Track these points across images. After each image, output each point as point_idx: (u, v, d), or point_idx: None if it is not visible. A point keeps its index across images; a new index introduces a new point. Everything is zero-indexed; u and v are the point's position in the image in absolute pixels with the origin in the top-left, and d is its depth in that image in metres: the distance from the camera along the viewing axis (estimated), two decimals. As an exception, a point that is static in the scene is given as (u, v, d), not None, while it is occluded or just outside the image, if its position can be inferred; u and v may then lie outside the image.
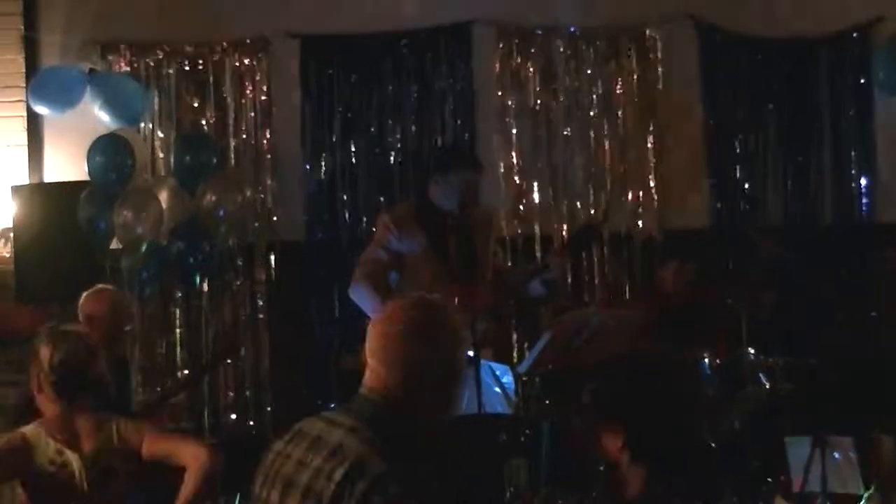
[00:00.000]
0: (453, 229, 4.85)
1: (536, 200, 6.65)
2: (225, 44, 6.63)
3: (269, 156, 6.65)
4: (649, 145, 6.70)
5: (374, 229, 6.43)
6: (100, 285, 5.21)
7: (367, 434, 2.13)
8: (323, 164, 6.65)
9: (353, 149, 6.65)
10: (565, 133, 6.68)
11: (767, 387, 5.28)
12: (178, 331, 6.52)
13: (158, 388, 6.23)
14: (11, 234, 6.26)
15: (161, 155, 6.56)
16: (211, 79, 6.65)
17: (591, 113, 6.68)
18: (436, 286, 4.51)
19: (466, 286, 4.73)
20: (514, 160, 6.64)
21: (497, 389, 4.60)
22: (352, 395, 2.28)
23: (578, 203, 6.68)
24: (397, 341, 2.21)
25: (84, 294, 5.02)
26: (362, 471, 2.05)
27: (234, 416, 6.55)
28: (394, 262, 4.88)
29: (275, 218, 6.66)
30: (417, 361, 2.20)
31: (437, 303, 2.35)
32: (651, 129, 6.70)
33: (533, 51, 6.66)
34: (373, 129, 6.65)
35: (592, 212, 6.63)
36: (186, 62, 6.64)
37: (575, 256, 6.24)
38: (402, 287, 4.83)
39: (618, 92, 6.68)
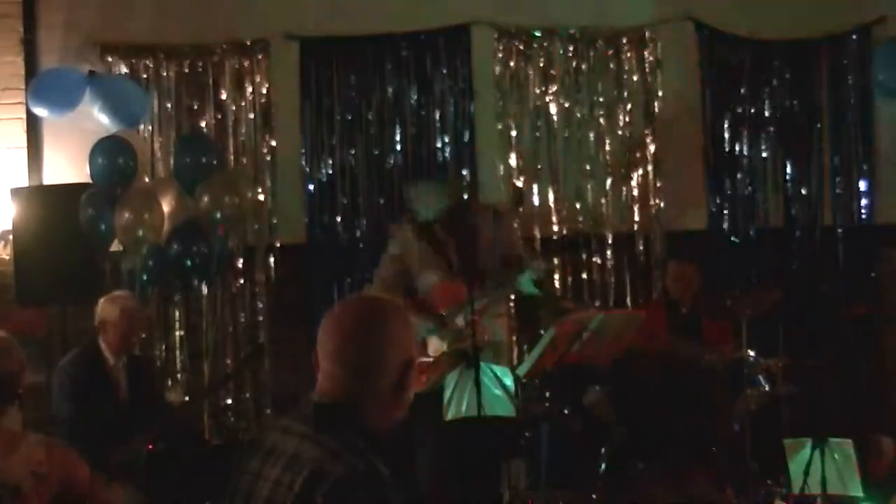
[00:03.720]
0: (446, 234, 5.08)
1: (536, 202, 6.65)
2: (224, 45, 6.63)
3: (268, 157, 6.65)
4: (649, 146, 6.70)
5: (373, 231, 6.55)
6: (116, 292, 5.33)
7: (322, 440, 2.09)
8: (323, 165, 6.65)
9: (352, 150, 6.65)
10: (565, 134, 6.68)
11: (767, 388, 5.29)
12: (177, 333, 6.52)
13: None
14: (11, 237, 6.26)
15: (161, 157, 6.57)
16: (210, 80, 6.64)
17: (591, 114, 6.68)
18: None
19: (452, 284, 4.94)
20: (514, 161, 6.64)
21: (497, 391, 4.61)
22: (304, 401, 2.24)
23: (578, 204, 6.68)
24: (355, 340, 2.17)
25: (100, 300, 5.14)
26: (321, 478, 2.02)
27: (233, 419, 6.56)
28: (402, 271, 5.14)
29: (274, 220, 6.66)
30: (375, 360, 2.16)
31: (387, 301, 2.35)
32: (650, 130, 6.70)
33: (532, 52, 6.66)
34: (372, 131, 6.65)
35: (581, 219, 6.65)
36: (186, 64, 6.64)
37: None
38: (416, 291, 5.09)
39: (617, 93, 6.68)
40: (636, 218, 6.70)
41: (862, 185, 6.76)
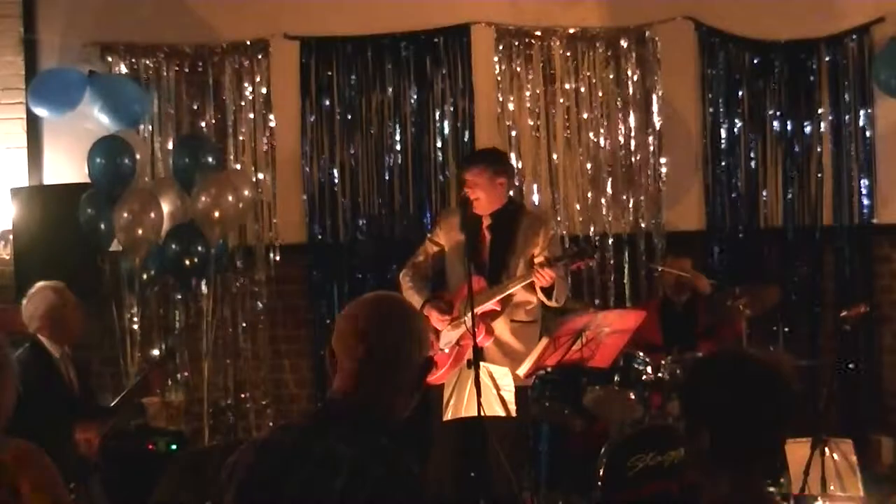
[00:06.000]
0: (488, 229, 5.07)
1: (536, 201, 6.65)
2: (224, 45, 6.63)
3: (268, 157, 6.66)
4: (649, 146, 6.70)
5: (373, 231, 6.58)
6: (42, 283, 5.00)
7: (354, 439, 2.08)
8: (323, 165, 6.65)
9: (352, 150, 6.66)
10: (565, 134, 6.68)
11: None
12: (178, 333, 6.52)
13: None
14: (11, 237, 6.27)
15: (161, 156, 6.57)
16: (210, 80, 6.65)
17: (591, 114, 6.68)
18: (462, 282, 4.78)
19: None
20: (514, 161, 6.63)
21: (496, 392, 4.60)
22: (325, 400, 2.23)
23: (578, 205, 6.68)
24: (380, 337, 2.17)
25: (28, 296, 4.90)
26: (363, 478, 2.02)
27: (233, 418, 6.56)
28: (436, 256, 5.22)
29: (275, 219, 6.66)
30: (400, 358, 2.17)
31: (398, 297, 2.35)
32: (650, 130, 6.70)
33: (532, 52, 6.66)
34: (372, 131, 6.65)
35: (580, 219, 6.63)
36: (186, 64, 6.64)
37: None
38: (443, 280, 5.22)
39: (617, 93, 6.68)
40: (636, 218, 6.70)
41: (862, 185, 6.76)
